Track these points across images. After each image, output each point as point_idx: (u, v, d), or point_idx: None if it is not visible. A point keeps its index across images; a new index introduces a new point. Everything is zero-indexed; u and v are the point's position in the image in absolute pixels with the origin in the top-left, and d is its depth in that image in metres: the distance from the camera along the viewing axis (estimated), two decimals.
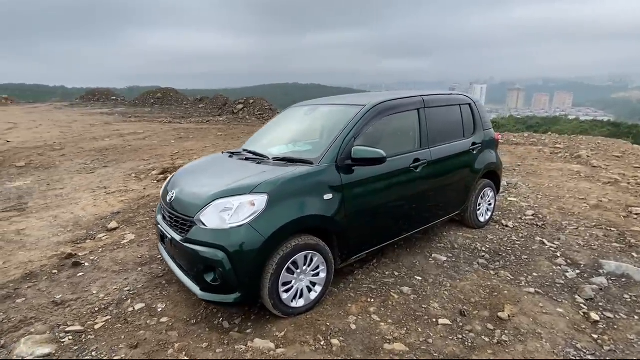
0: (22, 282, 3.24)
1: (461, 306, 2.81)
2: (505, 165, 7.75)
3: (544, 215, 4.78)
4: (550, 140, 10.54)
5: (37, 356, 2.27)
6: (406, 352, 2.30)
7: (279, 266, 2.47)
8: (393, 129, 3.56)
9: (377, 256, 3.58)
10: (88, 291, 3.09)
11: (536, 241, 3.98)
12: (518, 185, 6.17)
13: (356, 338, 2.43)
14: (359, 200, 2.89)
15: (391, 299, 2.89)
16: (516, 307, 2.80)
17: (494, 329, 2.55)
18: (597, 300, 2.92)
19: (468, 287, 3.07)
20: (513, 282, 3.16)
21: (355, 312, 2.72)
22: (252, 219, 2.38)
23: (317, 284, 2.75)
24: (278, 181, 2.56)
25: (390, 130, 3.55)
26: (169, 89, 23.77)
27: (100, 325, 2.62)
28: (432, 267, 3.41)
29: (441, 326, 2.57)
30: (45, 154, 8.70)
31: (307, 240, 2.60)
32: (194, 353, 2.31)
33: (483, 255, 3.63)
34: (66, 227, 4.57)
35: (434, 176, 3.49)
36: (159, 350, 2.35)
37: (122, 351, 2.34)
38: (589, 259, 3.56)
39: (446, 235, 4.08)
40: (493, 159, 4.28)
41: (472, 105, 4.12)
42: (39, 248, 3.98)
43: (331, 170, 2.76)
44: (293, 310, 2.62)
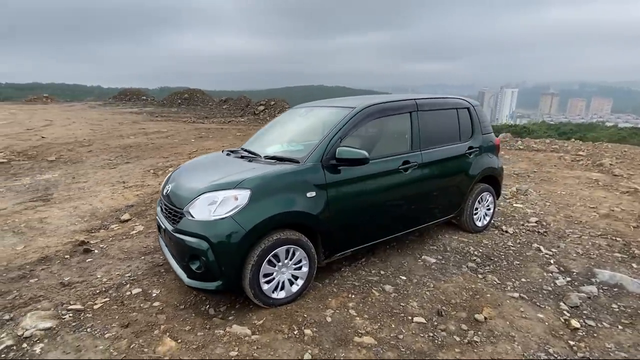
0: (37, 265, 3.56)
1: (440, 306, 2.86)
2: (520, 171, 7.61)
3: (547, 222, 4.70)
4: (573, 147, 10.19)
5: (38, 329, 2.52)
6: (374, 345, 2.38)
7: (260, 258, 2.62)
8: (383, 131, 3.65)
9: (367, 255, 3.67)
10: (93, 275, 3.35)
11: (532, 248, 3.94)
12: (528, 191, 6.05)
13: (329, 330, 2.54)
14: (344, 199, 3.00)
15: (371, 295, 2.98)
16: (495, 310, 2.82)
17: (468, 329, 2.59)
18: (582, 308, 2.88)
19: (451, 288, 3.11)
20: (498, 287, 3.17)
21: (334, 306, 2.82)
22: (235, 212, 2.54)
23: (300, 278, 2.88)
24: (261, 178, 2.71)
25: (380, 132, 3.64)
26: (195, 90, 24.58)
27: (98, 305, 2.85)
28: (420, 268, 3.46)
29: (415, 324, 2.63)
30: (74, 150, 9.29)
31: (289, 235, 2.74)
32: (177, 335, 2.49)
33: (474, 259, 3.64)
34: (83, 217, 4.92)
35: (426, 179, 3.54)
36: (147, 330, 2.55)
37: (114, 329, 2.56)
38: (583, 268, 3.50)
39: (440, 238, 4.10)
40: (492, 163, 4.26)
41: (471, 109, 4.13)
42: (57, 235, 4.32)
43: (316, 169, 2.88)
44: (274, 300, 2.76)
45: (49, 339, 2.43)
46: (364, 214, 3.16)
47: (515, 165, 8.28)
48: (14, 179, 6.86)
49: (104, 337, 2.47)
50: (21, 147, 9.34)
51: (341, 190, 2.98)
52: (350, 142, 3.10)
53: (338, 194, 2.96)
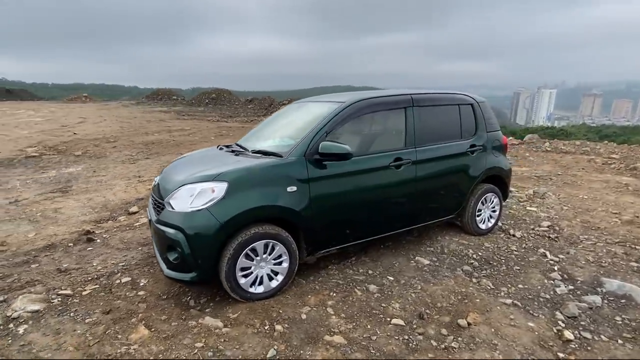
0: (42, 251, 3.74)
1: (423, 309, 2.74)
2: (542, 174, 7.21)
3: (561, 227, 4.41)
4: (605, 149, 9.54)
5: (26, 311, 2.64)
6: (343, 345, 2.31)
7: (237, 252, 2.61)
8: (375, 127, 3.55)
9: (358, 253, 3.59)
10: (90, 263, 3.48)
11: (537, 253, 3.70)
12: (546, 195, 5.72)
13: (301, 327, 2.49)
14: (328, 195, 2.94)
15: (353, 295, 2.90)
16: (482, 316, 2.66)
17: (448, 334, 2.46)
18: (581, 319, 2.67)
19: (439, 291, 2.97)
20: (491, 292, 2.99)
21: (312, 303, 2.77)
22: (211, 205, 2.55)
23: (280, 273, 2.85)
24: (239, 171, 2.71)
25: (372, 128, 3.54)
26: (223, 90, 25.18)
27: (87, 292, 2.95)
28: (411, 269, 3.34)
29: (392, 326, 2.53)
30: (100, 145, 9.75)
31: (268, 230, 2.71)
32: (152, 323, 2.53)
33: (471, 263, 3.47)
34: (95, 209, 5.14)
35: (420, 177, 3.41)
36: (125, 317, 2.61)
37: (95, 315, 2.64)
38: (590, 276, 3.24)
39: (440, 240, 3.94)
40: (498, 163, 4.04)
41: (475, 105, 3.94)
42: (67, 224, 4.53)
43: (298, 163, 2.84)
44: (251, 295, 2.74)
45: (33, 321, 2.54)
46: (350, 211, 3.09)
47: (538, 168, 7.86)
48: (42, 171, 7.29)
49: (84, 322, 2.55)
50: (53, 142, 9.92)
51: (325, 186, 2.93)
52: (341, 137, 3.04)
53: (322, 190, 2.90)
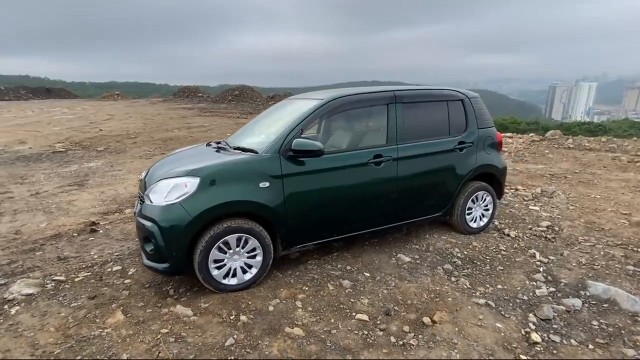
0: (48, 240, 4.03)
1: (392, 306, 2.75)
2: (557, 172, 6.92)
3: (561, 228, 4.24)
4: (634, 146, 8.97)
5: (21, 294, 2.88)
6: (301, 337, 2.37)
7: (209, 244, 2.72)
8: (355, 124, 3.56)
9: (340, 249, 3.62)
10: (88, 252, 3.72)
11: (527, 254, 3.59)
12: (555, 194, 5.49)
13: (265, 318, 2.57)
14: (303, 192, 3.00)
15: (325, 289, 2.95)
16: (450, 314, 2.64)
17: (409, 331, 2.46)
18: (554, 322, 2.59)
19: (413, 289, 2.97)
20: (466, 291, 2.95)
21: (283, 296, 2.85)
22: (183, 199, 2.67)
23: (254, 267, 2.94)
24: (212, 167, 2.81)
25: (352, 124, 3.56)
26: (246, 87, 25.62)
27: (79, 278, 3.17)
28: (390, 266, 3.34)
29: (355, 321, 2.57)
30: (121, 141, 10.24)
31: (241, 224, 2.81)
32: (129, 309, 2.70)
33: (454, 262, 3.42)
34: (104, 201, 5.44)
35: (402, 174, 3.40)
36: (107, 303, 2.79)
37: (81, 300, 2.83)
38: (576, 279, 3.13)
39: (427, 238, 3.90)
40: (490, 160, 3.94)
41: (466, 101, 3.85)
42: (76, 216, 4.84)
43: (272, 160, 2.91)
44: (225, 286, 2.85)
45: (25, 304, 2.77)
46: (326, 208, 3.13)
47: (555, 165, 7.54)
48: (65, 165, 7.77)
49: (69, 306, 2.75)
50: (79, 138, 10.51)
51: (300, 182, 2.98)
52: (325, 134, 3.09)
53: (296, 186, 2.96)
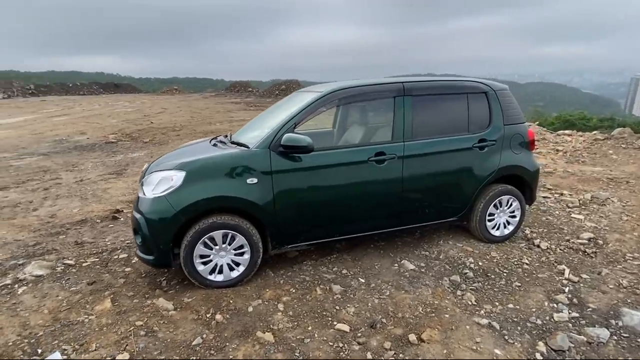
0: (74, 225, 4.31)
1: (379, 318, 2.52)
2: (618, 175, 6.06)
3: (606, 241, 3.66)
4: None
5: (32, 275, 3.08)
6: (269, 343, 2.25)
7: (194, 239, 2.69)
8: (357, 118, 3.33)
9: (341, 251, 3.43)
10: (103, 239, 3.91)
11: (555, 270, 3.13)
12: (608, 201, 4.79)
13: (242, 319, 2.48)
14: (294, 189, 2.86)
15: (313, 293, 2.79)
16: (442, 334, 2.35)
17: (389, 349, 2.23)
18: (568, 354, 2.20)
19: (408, 301, 2.70)
20: (469, 308, 2.63)
21: (267, 297, 2.74)
22: (168, 192, 2.66)
23: (241, 264, 2.87)
24: (198, 161, 2.77)
25: (354, 119, 3.33)
26: (292, 81, 25.88)
27: (87, 264, 3.33)
28: (390, 272, 3.09)
29: (334, 331, 2.39)
30: (166, 134, 10.80)
31: (227, 220, 2.74)
32: (118, 298, 2.76)
33: (465, 273, 3.08)
34: (135, 190, 5.74)
35: (409, 174, 3.11)
36: (102, 290, 2.88)
37: (81, 285, 2.96)
38: (608, 304, 2.65)
39: (440, 244, 3.56)
40: (518, 161, 3.48)
41: (490, 94, 3.43)
42: (106, 203, 5.14)
43: (262, 155, 2.80)
44: (210, 282, 2.81)
45: (33, 284, 2.96)
46: (320, 207, 2.96)
47: (617, 168, 6.61)
48: (112, 155, 8.35)
49: (68, 290, 2.89)
50: (131, 130, 11.27)
51: (291, 179, 2.84)
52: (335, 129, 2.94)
53: (287, 183, 2.83)
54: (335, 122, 4.07)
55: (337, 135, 3.92)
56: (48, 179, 6.36)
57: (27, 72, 52.53)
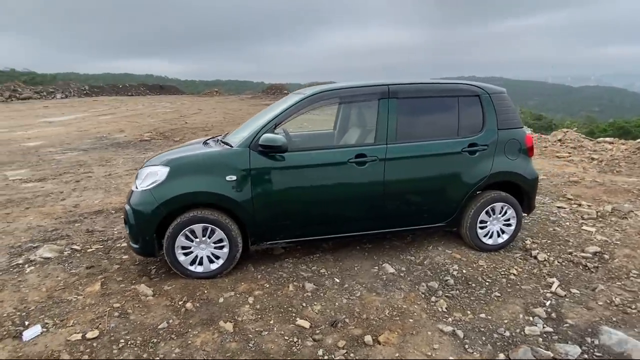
0: (91, 215, 4.69)
1: (343, 317, 2.54)
2: None
3: (613, 256, 3.41)
4: None
5: (41, 257, 3.40)
6: (228, 333, 2.35)
7: (175, 231, 2.86)
8: (351, 121, 3.36)
9: (325, 251, 3.47)
10: (112, 228, 4.23)
11: (543, 282, 2.97)
12: (631, 214, 4.43)
13: (210, 309, 2.60)
14: (271, 187, 2.95)
15: (285, 289, 2.86)
16: (400, 338, 2.34)
17: (342, 348, 2.25)
18: None
19: (377, 303, 2.70)
20: (437, 315, 2.57)
21: (240, 290, 2.85)
22: (153, 186, 2.85)
23: (221, 258, 3.00)
24: (182, 158, 2.95)
25: (348, 121, 3.36)
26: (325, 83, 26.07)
27: (91, 250, 3.63)
28: (368, 275, 3.09)
29: (294, 326, 2.44)
30: (197, 133, 11.32)
31: (207, 214, 2.89)
32: (108, 282, 2.99)
33: (446, 280, 3.01)
34: None
35: (391, 177, 3.10)
36: (96, 274, 3.13)
37: (80, 269, 3.24)
38: (588, 321, 2.48)
39: (429, 249, 3.49)
40: (513, 167, 3.34)
41: (484, 97, 3.32)
42: (124, 196, 5.52)
43: (242, 154, 2.92)
44: (190, 272, 2.97)
45: (40, 265, 3.27)
46: (297, 206, 3.03)
47: None
48: (143, 152, 8.91)
49: (68, 272, 3.17)
50: (165, 129, 11.94)
51: (270, 178, 2.94)
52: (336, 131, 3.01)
53: (265, 181, 2.93)
54: (336, 124, 4.13)
55: (337, 137, 3.97)
56: (81, 172, 6.92)
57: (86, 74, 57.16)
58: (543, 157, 8.05)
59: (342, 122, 3.99)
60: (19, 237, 3.93)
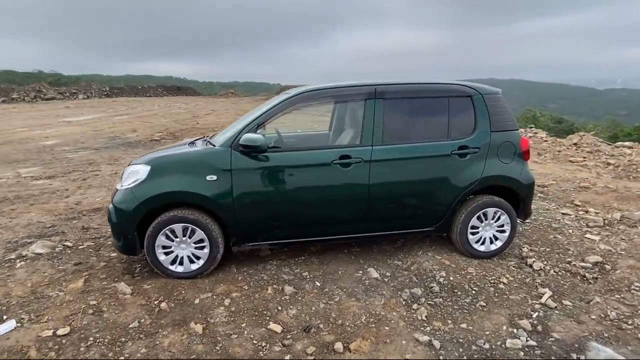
0: (89, 212, 4.77)
1: (317, 322, 2.48)
2: None
3: (615, 267, 3.22)
4: None
5: (33, 252, 3.47)
6: (197, 335, 2.32)
7: (156, 230, 2.86)
8: (343, 121, 3.29)
9: (312, 253, 3.41)
10: (107, 226, 4.26)
11: (533, 293, 2.83)
12: None
13: (185, 310, 2.58)
14: (253, 188, 2.91)
15: (263, 292, 2.81)
16: (373, 346, 2.25)
17: (310, 355, 2.18)
18: None
19: (354, 309, 2.62)
20: (416, 323, 2.47)
21: (218, 291, 2.82)
22: (134, 185, 2.86)
23: (201, 258, 2.98)
24: (164, 157, 2.95)
25: (340, 122, 3.30)
26: None
27: (83, 246, 3.68)
28: (351, 279, 3.01)
29: (265, 330, 2.39)
30: (205, 133, 11.41)
31: (187, 214, 2.87)
32: (91, 279, 3.01)
33: (431, 287, 2.90)
34: None
35: (377, 180, 3.01)
36: (82, 270, 3.17)
37: (68, 265, 3.28)
38: (576, 336, 2.33)
39: (419, 255, 3.38)
40: (506, 171, 3.20)
41: (476, 98, 3.19)
42: None
43: (223, 153, 2.89)
44: (171, 272, 2.96)
45: (30, 261, 3.34)
46: (279, 207, 2.98)
47: None
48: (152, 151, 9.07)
49: (56, 268, 3.21)
50: (175, 129, 12.13)
51: (250, 178, 2.91)
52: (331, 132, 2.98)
53: (245, 182, 2.90)
54: (331, 125, 4.08)
55: (332, 138, 3.92)
56: (89, 171, 7.09)
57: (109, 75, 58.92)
58: (555, 162, 7.76)
59: (336, 123, 3.93)
60: (18, 232, 4.03)
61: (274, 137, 3.74)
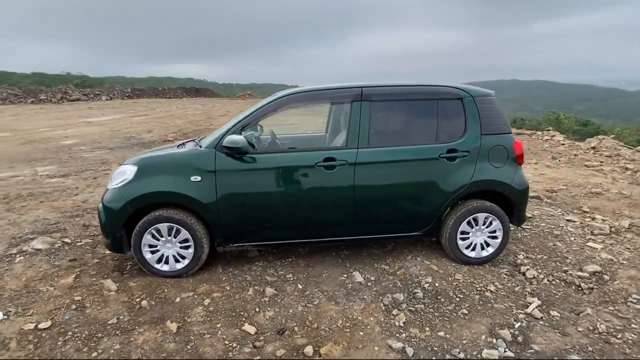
0: (93, 210, 4.91)
1: (293, 325, 2.47)
2: None
3: (614, 277, 3.07)
4: None
5: (33, 248, 3.61)
6: (170, 333, 2.35)
7: (142, 229, 2.92)
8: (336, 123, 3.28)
9: (299, 256, 3.40)
10: None
11: (520, 302, 2.72)
12: None
13: (164, 308, 2.62)
14: (236, 189, 2.94)
15: (244, 293, 2.83)
16: (344, 351, 2.22)
17: (279, 357, 2.18)
18: None
19: (332, 313, 2.60)
20: (392, 329, 2.43)
21: (200, 291, 2.85)
22: (122, 185, 2.93)
23: (186, 258, 3.02)
24: (150, 158, 3.00)
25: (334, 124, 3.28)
26: None
27: (80, 244, 3.80)
28: (334, 282, 2.98)
29: (239, 331, 2.40)
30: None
31: (172, 214, 2.92)
32: (81, 275, 3.11)
33: (414, 293, 2.84)
34: None
35: (362, 182, 2.98)
36: (74, 267, 3.26)
37: (63, 261, 3.39)
38: (557, 349, 2.22)
39: (407, 259, 3.32)
40: (497, 175, 3.10)
41: (467, 101, 3.11)
42: None
43: (207, 154, 2.93)
44: (157, 271, 3.01)
45: (29, 256, 3.47)
46: (263, 209, 2.99)
47: None
48: None
49: (52, 264, 3.33)
50: (189, 130, 12.37)
51: (234, 179, 2.93)
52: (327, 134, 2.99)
53: (229, 183, 2.92)
54: (327, 127, 4.08)
55: (328, 140, 3.92)
56: (101, 170, 7.31)
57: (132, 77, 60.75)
58: (570, 166, 7.47)
59: (331, 125, 3.93)
60: (24, 228, 4.20)
61: (268, 138, 3.77)
